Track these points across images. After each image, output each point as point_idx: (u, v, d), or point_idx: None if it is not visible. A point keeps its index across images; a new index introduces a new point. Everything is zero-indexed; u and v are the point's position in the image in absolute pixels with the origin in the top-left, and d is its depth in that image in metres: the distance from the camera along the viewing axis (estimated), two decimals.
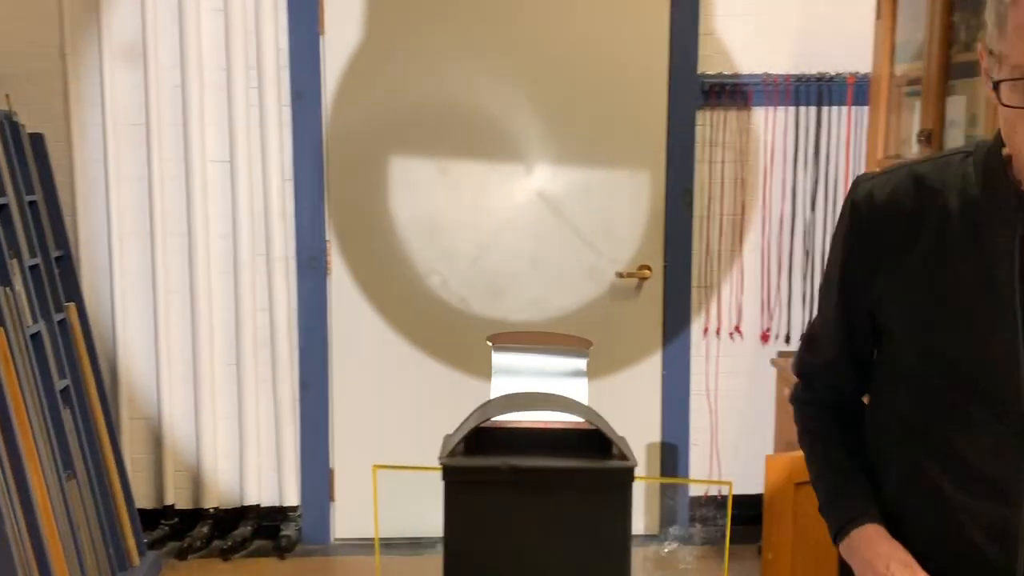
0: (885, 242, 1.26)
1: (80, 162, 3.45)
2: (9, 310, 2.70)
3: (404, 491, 3.66)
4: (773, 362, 3.57)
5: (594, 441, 0.95)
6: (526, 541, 0.87)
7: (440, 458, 0.90)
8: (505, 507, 0.87)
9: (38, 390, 2.79)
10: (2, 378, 2.57)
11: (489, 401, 1.00)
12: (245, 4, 3.40)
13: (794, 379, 1.48)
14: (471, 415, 0.99)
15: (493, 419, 0.94)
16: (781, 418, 3.50)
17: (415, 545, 3.62)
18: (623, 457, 0.92)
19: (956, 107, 2.70)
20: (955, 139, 2.71)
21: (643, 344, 3.69)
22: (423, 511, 3.58)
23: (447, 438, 0.98)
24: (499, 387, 1.04)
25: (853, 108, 3.57)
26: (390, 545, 3.64)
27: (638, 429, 3.56)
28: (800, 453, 2.34)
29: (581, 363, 1.06)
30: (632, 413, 3.57)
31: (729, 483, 1.89)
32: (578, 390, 1.05)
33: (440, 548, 3.53)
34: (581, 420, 0.95)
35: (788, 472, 2.07)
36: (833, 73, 3.54)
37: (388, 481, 3.61)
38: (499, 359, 1.05)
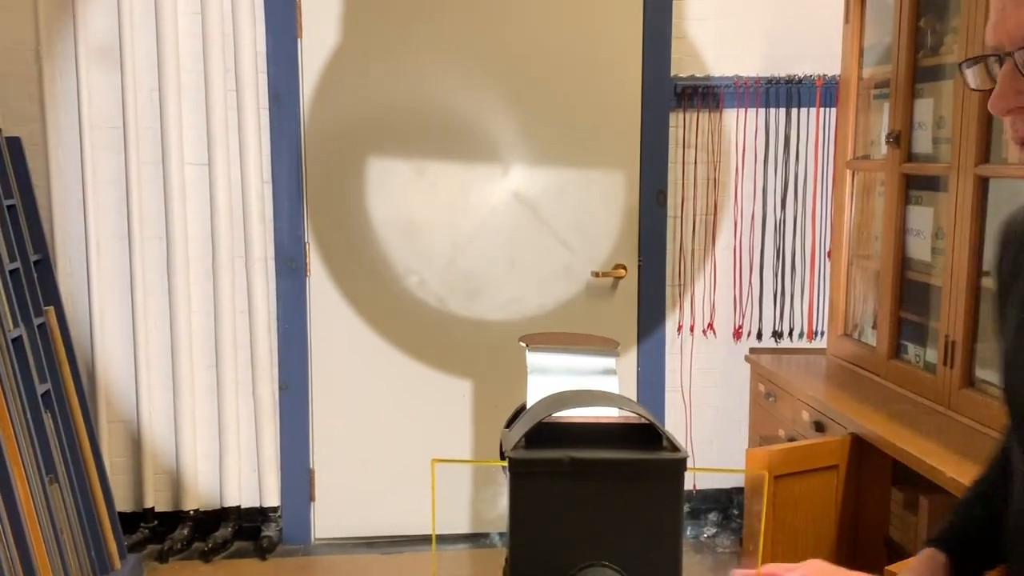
0: (1007, 269, 1.12)
1: (56, 165, 3.44)
2: None
3: (388, 490, 3.69)
4: (746, 358, 3.64)
5: (640, 434, 1.00)
6: (585, 528, 0.91)
7: (505, 452, 0.94)
8: (566, 497, 0.91)
9: (20, 395, 2.79)
10: None
11: (543, 399, 1.04)
12: (222, 6, 3.41)
13: (764, 378, 1.44)
14: (527, 412, 1.03)
15: (540, 416, 0.99)
16: (754, 413, 3.57)
17: (396, 543, 3.66)
18: (674, 449, 0.96)
19: (924, 109, 2.78)
20: (923, 141, 2.79)
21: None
22: (400, 510, 3.63)
23: (506, 434, 1.02)
24: (535, 385, 1.07)
25: (822, 110, 3.65)
26: (371, 544, 3.68)
27: None
28: (778, 446, 2.41)
29: (611, 362, 1.10)
30: None
31: (765, 473, 1.95)
32: (610, 388, 1.09)
33: (418, 547, 3.58)
34: (628, 414, 1.00)
35: (767, 465, 2.13)
36: (802, 76, 3.62)
37: (380, 481, 3.65)
38: (534, 359, 1.08)
